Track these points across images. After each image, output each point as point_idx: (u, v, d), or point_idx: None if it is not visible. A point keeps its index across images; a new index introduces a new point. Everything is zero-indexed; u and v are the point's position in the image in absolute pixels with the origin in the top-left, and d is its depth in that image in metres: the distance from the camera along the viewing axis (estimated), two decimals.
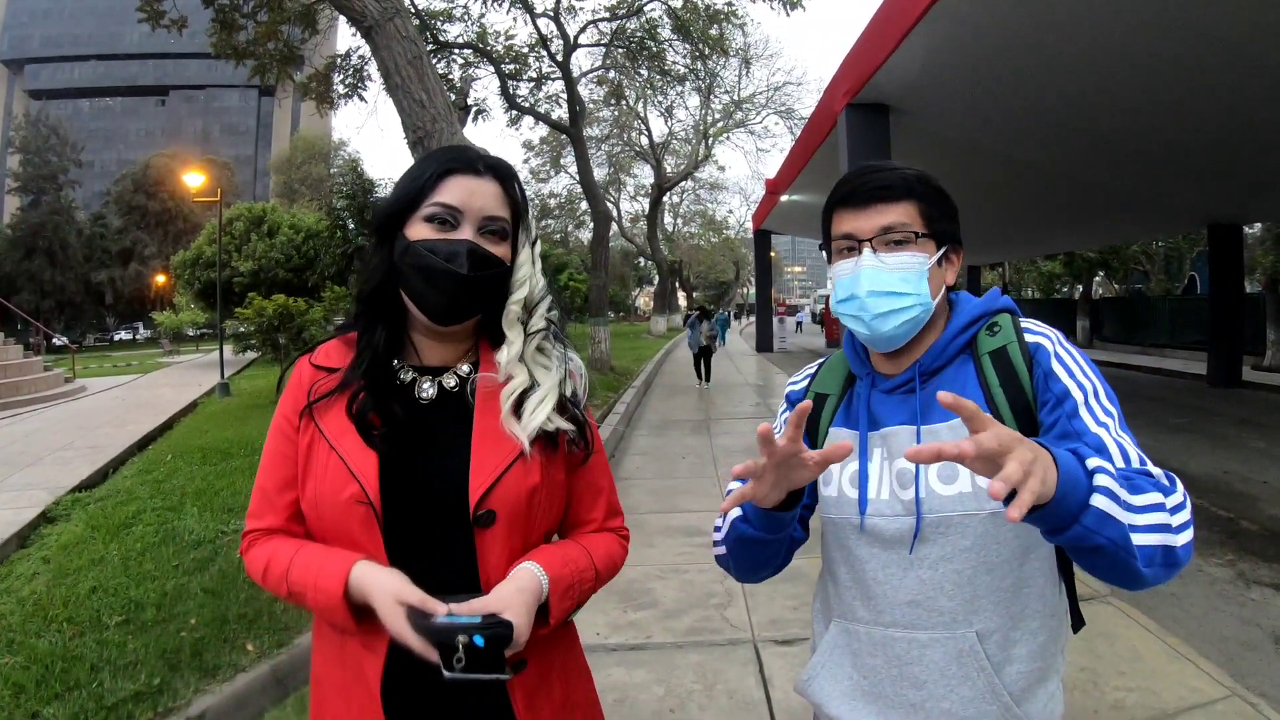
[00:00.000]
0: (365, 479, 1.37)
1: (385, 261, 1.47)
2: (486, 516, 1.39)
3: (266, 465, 1.49)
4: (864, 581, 1.51)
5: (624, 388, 16.94)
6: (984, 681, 1.40)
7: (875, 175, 1.50)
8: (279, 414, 1.50)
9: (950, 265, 1.53)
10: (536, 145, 46.92)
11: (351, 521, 1.38)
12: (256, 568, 1.44)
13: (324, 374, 1.48)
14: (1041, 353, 1.44)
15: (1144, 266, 36.31)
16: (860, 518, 1.50)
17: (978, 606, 1.41)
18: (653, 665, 4.34)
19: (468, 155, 1.48)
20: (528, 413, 1.46)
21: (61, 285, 59.05)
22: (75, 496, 7.90)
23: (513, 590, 1.33)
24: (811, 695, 1.62)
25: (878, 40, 9.25)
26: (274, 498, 1.47)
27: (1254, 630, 4.94)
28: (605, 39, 22.61)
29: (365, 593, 1.30)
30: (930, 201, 1.49)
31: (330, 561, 1.35)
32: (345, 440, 1.41)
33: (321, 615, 1.41)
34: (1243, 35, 7.50)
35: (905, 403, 1.50)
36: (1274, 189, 15.58)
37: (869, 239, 1.48)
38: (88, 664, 4.06)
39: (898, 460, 1.47)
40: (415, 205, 1.44)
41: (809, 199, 21.03)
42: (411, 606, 1.25)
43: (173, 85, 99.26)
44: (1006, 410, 1.41)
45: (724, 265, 74.25)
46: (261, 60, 13.16)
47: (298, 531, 1.46)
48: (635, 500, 7.85)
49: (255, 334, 18.17)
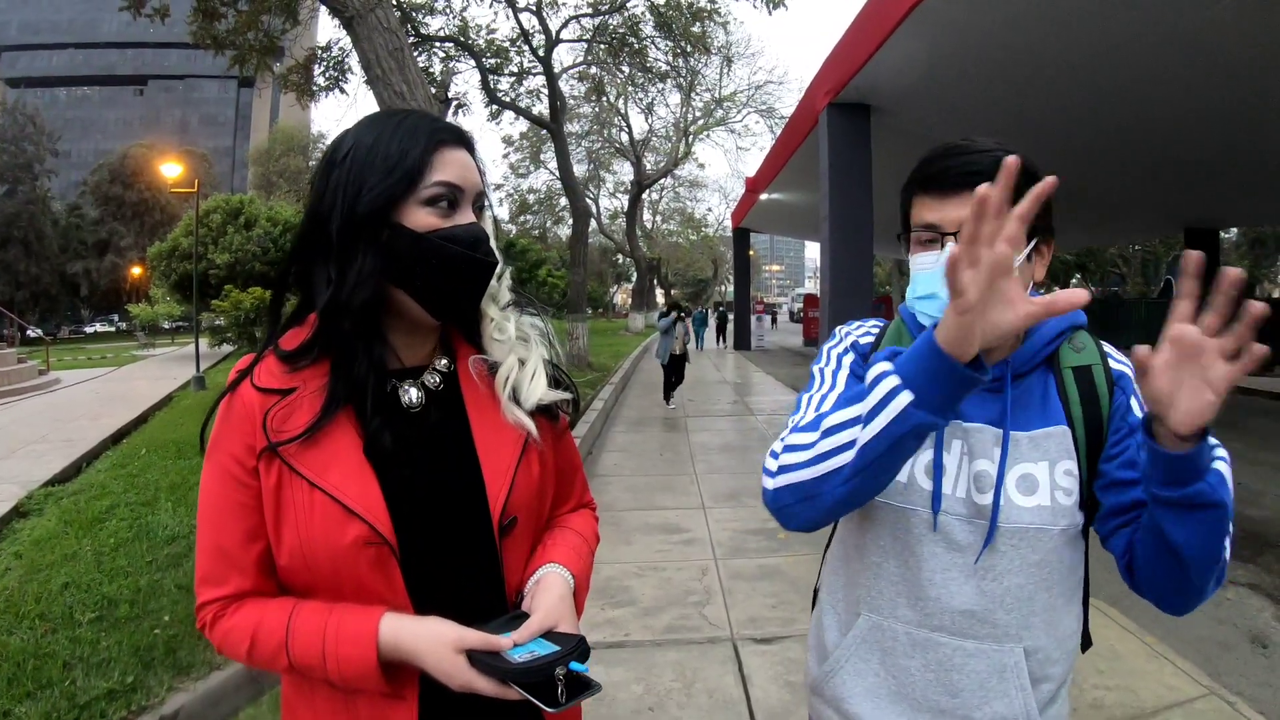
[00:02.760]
0: (372, 516, 1.18)
1: (379, 260, 1.23)
2: (512, 524, 1.30)
3: (217, 519, 1.22)
4: (918, 581, 1.40)
5: (602, 384, 16.91)
6: (1021, 700, 1.37)
7: (965, 158, 1.34)
8: (222, 455, 1.22)
9: (1040, 259, 1.39)
10: (516, 140, 47.09)
11: (359, 567, 1.19)
12: (237, 644, 1.21)
13: (275, 399, 1.22)
14: (1125, 381, 1.38)
15: (1121, 269, 36.65)
16: (934, 514, 1.38)
17: (1031, 624, 1.36)
18: (631, 664, 4.32)
19: (450, 125, 1.31)
20: (524, 390, 1.36)
21: (37, 276, 58.38)
22: (48, 490, 7.82)
23: (556, 600, 1.26)
24: (828, 691, 1.53)
25: (860, 40, 9.29)
26: (237, 556, 1.21)
27: (1230, 630, 4.97)
28: (587, 35, 22.65)
29: (405, 650, 1.15)
30: (1021, 188, 1.27)
31: (347, 623, 1.16)
32: (332, 476, 1.19)
33: (343, 685, 1.19)
34: (1222, 43, 7.56)
35: (988, 400, 1.38)
36: (1250, 195, 15.76)
37: (956, 232, 1.32)
38: (60, 662, 4.01)
39: (978, 460, 1.37)
40: (412, 187, 1.22)
41: (789, 197, 21.11)
42: (476, 652, 1.14)
43: (151, 75, 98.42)
44: (1081, 427, 1.36)
45: (702, 263, 74.43)
46: (241, 50, 13.09)
47: (271, 590, 1.25)
48: (613, 497, 7.85)
49: (231, 327, 18.14)
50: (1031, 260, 1.36)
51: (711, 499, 7.83)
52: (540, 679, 1.12)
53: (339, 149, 1.28)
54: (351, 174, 1.24)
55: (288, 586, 1.24)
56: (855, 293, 10.90)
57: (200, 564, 1.24)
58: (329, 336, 1.25)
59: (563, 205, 48.06)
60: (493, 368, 1.37)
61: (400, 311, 1.29)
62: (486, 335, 1.39)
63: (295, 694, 1.31)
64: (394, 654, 1.15)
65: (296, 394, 1.23)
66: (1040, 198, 1.01)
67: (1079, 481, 1.35)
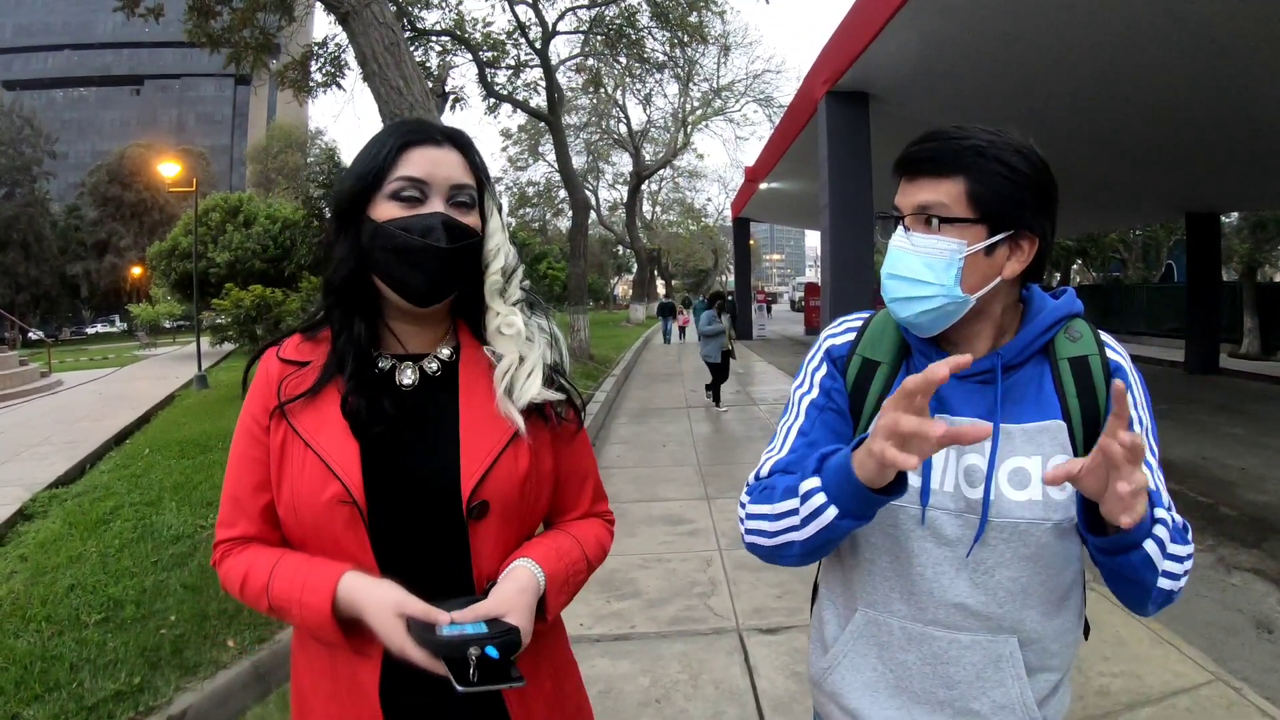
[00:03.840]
0: (347, 477, 1.29)
1: (352, 248, 1.38)
2: (480, 508, 1.33)
3: (236, 470, 1.40)
4: (909, 576, 1.40)
5: (604, 376, 16.94)
6: (1017, 689, 1.37)
7: (927, 145, 1.35)
8: (246, 414, 1.40)
9: (1018, 254, 1.35)
10: (514, 133, 46.78)
11: (334, 524, 1.30)
12: (233, 581, 1.36)
13: (293, 369, 1.40)
14: (1122, 373, 1.37)
15: (1122, 254, 36.55)
16: (922, 509, 1.37)
17: (1025, 615, 1.36)
18: (637, 656, 4.34)
19: (425, 126, 1.41)
20: (518, 387, 1.41)
21: (36, 279, 58.30)
22: (52, 493, 7.83)
23: (513, 591, 1.28)
24: (828, 685, 1.53)
25: (858, 28, 9.26)
26: (247, 504, 1.38)
27: (1235, 615, 4.98)
28: (584, 26, 22.56)
29: (357, 606, 1.23)
30: (987, 179, 1.31)
31: (315, 574, 1.27)
32: (322, 437, 1.33)
33: (307, 631, 1.33)
34: (1222, 27, 7.53)
35: (979, 393, 1.37)
36: (1251, 179, 15.70)
37: (906, 215, 1.38)
38: (67, 663, 4.01)
39: (967, 454, 1.36)
40: (378, 183, 1.35)
41: (788, 186, 21.07)
42: (413, 619, 1.20)
43: (147, 74, 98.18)
44: (1078, 420, 1.35)
45: (703, 253, 74.23)
46: (237, 48, 13.07)
47: (274, 538, 1.39)
48: (617, 489, 7.85)
49: (232, 325, 18.08)
50: (993, 254, 1.33)
51: (715, 489, 7.85)
52: (457, 655, 1.16)
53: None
54: (343, 175, 1.43)
55: (289, 539, 1.38)
56: (856, 280, 10.89)
57: (220, 509, 1.42)
58: (328, 311, 1.43)
59: (562, 198, 47.89)
60: (496, 359, 1.44)
61: (387, 297, 1.41)
62: (491, 329, 1.46)
63: (298, 647, 1.44)
64: (349, 608, 1.24)
65: (310, 366, 1.40)
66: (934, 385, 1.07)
67: None
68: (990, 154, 1.30)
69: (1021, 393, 1.37)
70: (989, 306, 1.37)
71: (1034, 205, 1.33)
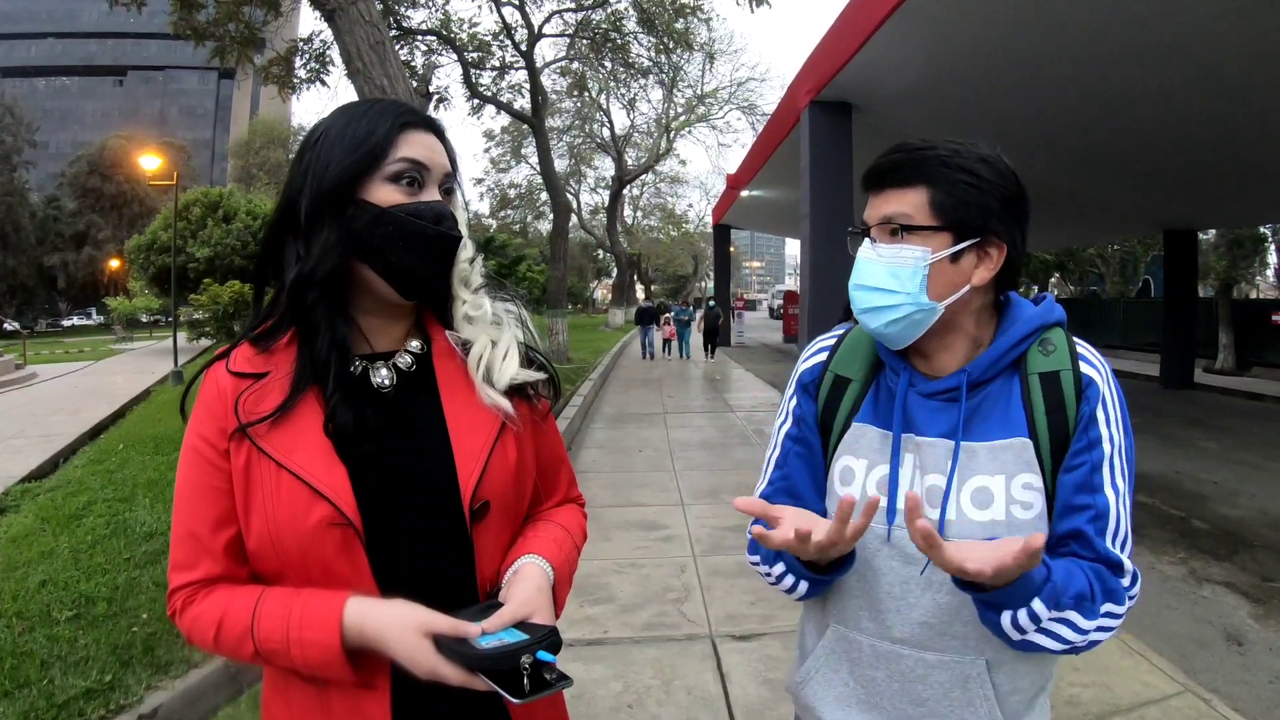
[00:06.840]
0: (337, 496, 1.16)
1: (342, 236, 1.23)
2: (483, 509, 1.26)
3: (189, 503, 1.22)
4: (875, 594, 1.40)
5: (581, 380, 16.89)
6: (986, 709, 1.35)
7: (891, 156, 1.36)
8: (195, 438, 1.24)
9: (986, 261, 1.33)
10: (498, 134, 46.79)
11: (324, 549, 1.17)
12: (203, 629, 1.19)
13: (249, 382, 1.23)
14: (1093, 390, 1.32)
15: (1099, 269, 36.83)
16: (888, 527, 1.37)
17: (991, 636, 1.30)
18: (610, 661, 4.33)
19: (415, 109, 1.32)
20: (496, 369, 1.33)
21: (13, 269, 57.80)
22: (25, 487, 7.79)
23: (533, 590, 1.22)
24: (803, 698, 1.54)
25: (844, 38, 9.30)
26: (208, 541, 1.20)
27: (1205, 627, 5.03)
28: (570, 30, 22.55)
29: (371, 634, 1.12)
30: (951, 188, 1.31)
31: (312, 607, 1.14)
32: (298, 456, 1.18)
33: (309, 671, 1.17)
34: (1203, 49, 7.62)
35: (944, 411, 1.36)
36: (1228, 198, 15.88)
37: (872, 228, 1.38)
38: (38, 660, 3.98)
39: (930, 474, 1.35)
40: (375, 164, 1.24)
41: (770, 194, 21.13)
42: (440, 636, 1.11)
43: (131, 65, 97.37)
44: (1045, 439, 1.31)
45: (683, 259, 74.33)
46: (222, 42, 13.00)
47: (242, 576, 1.23)
48: (592, 494, 7.78)
49: (210, 321, 18.01)
50: (959, 261, 1.33)
51: (690, 496, 7.85)
52: (506, 667, 1.08)
53: (313, 135, 1.30)
54: (320, 155, 1.26)
55: (258, 574, 1.23)
56: (835, 289, 10.90)
57: (173, 550, 1.23)
58: (296, 312, 1.26)
59: (543, 200, 47.72)
60: (466, 348, 1.36)
61: (369, 290, 1.29)
62: (459, 316, 1.37)
63: (272, 691, 1.30)
64: (359, 638, 1.13)
65: (269, 377, 1.23)
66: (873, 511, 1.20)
67: (1043, 494, 1.31)
68: (954, 163, 1.31)
69: (989, 409, 1.36)
70: (958, 317, 1.36)
71: (1000, 212, 1.33)
